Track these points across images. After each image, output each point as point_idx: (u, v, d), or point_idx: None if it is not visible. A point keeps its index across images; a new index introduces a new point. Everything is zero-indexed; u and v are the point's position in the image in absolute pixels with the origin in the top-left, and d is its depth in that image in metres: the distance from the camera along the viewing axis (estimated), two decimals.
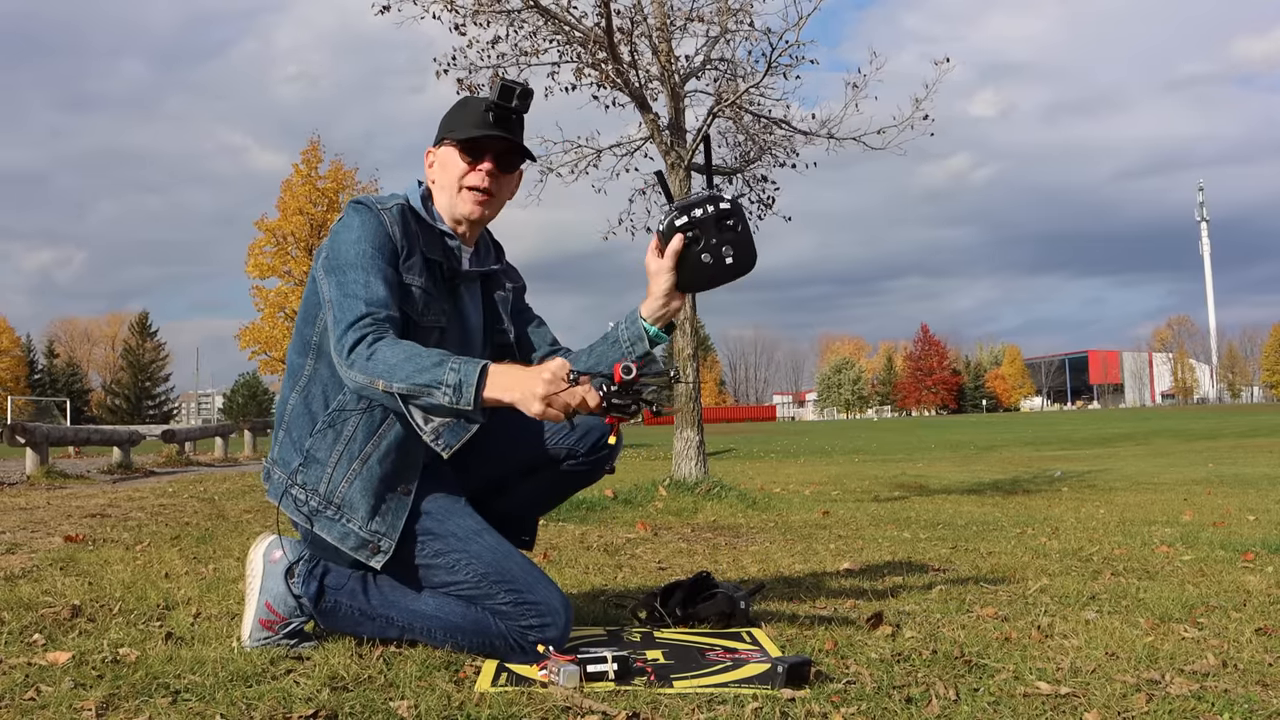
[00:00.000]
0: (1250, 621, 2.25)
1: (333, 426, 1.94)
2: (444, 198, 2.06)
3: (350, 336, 1.81)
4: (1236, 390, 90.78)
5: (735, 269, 1.96)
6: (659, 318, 2.02)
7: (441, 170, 2.06)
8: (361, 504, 1.92)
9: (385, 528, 1.92)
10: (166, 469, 10.89)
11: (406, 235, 1.97)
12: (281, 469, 2.00)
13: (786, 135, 7.28)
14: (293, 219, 24.82)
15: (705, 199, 1.95)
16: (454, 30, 6.66)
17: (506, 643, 1.89)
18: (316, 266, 1.96)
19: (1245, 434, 24.90)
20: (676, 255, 1.94)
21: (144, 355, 64.67)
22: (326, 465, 1.93)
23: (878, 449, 22.82)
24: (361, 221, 1.94)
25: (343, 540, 1.92)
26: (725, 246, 1.94)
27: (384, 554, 1.91)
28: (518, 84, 2.00)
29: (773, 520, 5.30)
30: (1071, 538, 4.21)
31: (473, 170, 2.01)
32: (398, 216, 1.97)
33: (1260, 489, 7.90)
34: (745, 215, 1.98)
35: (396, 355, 1.77)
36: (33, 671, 1.71)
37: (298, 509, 1.96)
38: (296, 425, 1.99)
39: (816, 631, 2.14)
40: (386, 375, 1.76)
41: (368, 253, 1.90)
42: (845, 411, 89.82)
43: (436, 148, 2.08)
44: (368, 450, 1.92)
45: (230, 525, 4.51)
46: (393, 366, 1.76)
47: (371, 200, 1.98)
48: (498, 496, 2.16)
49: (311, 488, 1.94)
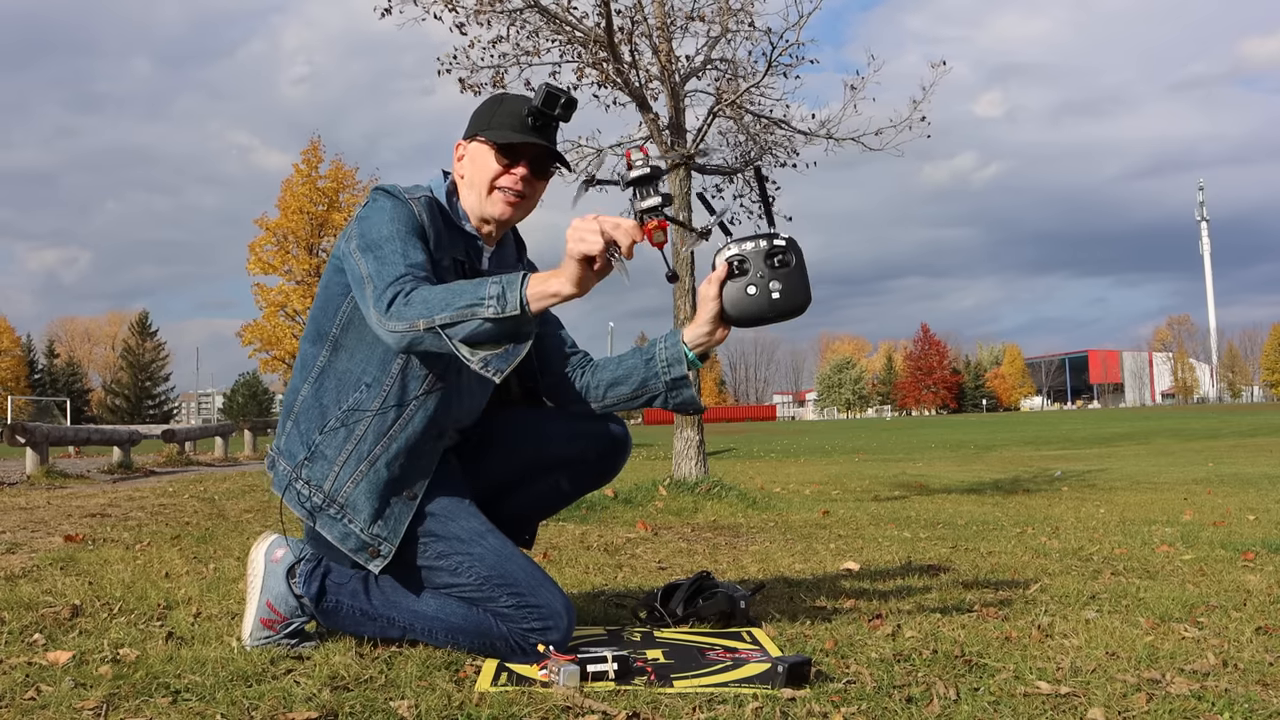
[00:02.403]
0: (1250, 621, 2.25)
1: (345, 425, 1.91)
2: (472, 195, 2.02)
3: (389, 293, 1.77)
4: (1237, 390, 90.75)
5: (781, 306, 1.94)
6: (699, 344, 2.02)
7: (472, 166, 2.02)
8: (365, 506, 1.90)
9: (387, 532, 1.90)
10: (167, 469, 10.89)
11: (434, 227, 1.94)
12: (287, 461, 1.97)
13: (787, 135, 7.28)
14: (293, 217, 24.87)
15: (759, 235, 1.95)
16: (455, 30, 6.67)
17: (508, 644, 1.88)
18: (345, 249, 1.91)
19: (1245, 434, 24.90)
20: (720, 283, 1.94)
21: (144, 355, 64.64)
22: (334, 463, 1.91)
23: (878, 449, 22.82)
24: (393, 205, 1.91)
25: (343, 541, 1.91)
26: (773, 282, 1.93)
27: (383, 558, 1.90)
28: (563, 92, 1.97)
29: (773, 520, 5.30)
30: (1072, 537, 4.21)
31: (506, 173, 1.99)
32: (426, 207, 1.94)
33: (1260, 489, 7.90)
34: (801, 255, 1.96)
35: (434, 292, 1.74)
36: (33, 671, 1.71)
37: (300, 504, 1.94)
38: (305, 418, 1.96)
39: (816, 631, 2.14)
40: (426, 313, 1.71)
41: (402, 232, 1.87)
42: (845, 411, 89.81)
43: (468, 141, 2.04)
44: (376, 452, 1.90)
45: (230, 525, 4.51)
46: (431, 302, 1.72)
47: (398, 190, 1.95)
48: (505, 497, 2.14)
49: (316, 484, 1.92)
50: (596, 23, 6.40)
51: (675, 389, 2.06)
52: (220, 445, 14.08)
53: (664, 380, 2.06)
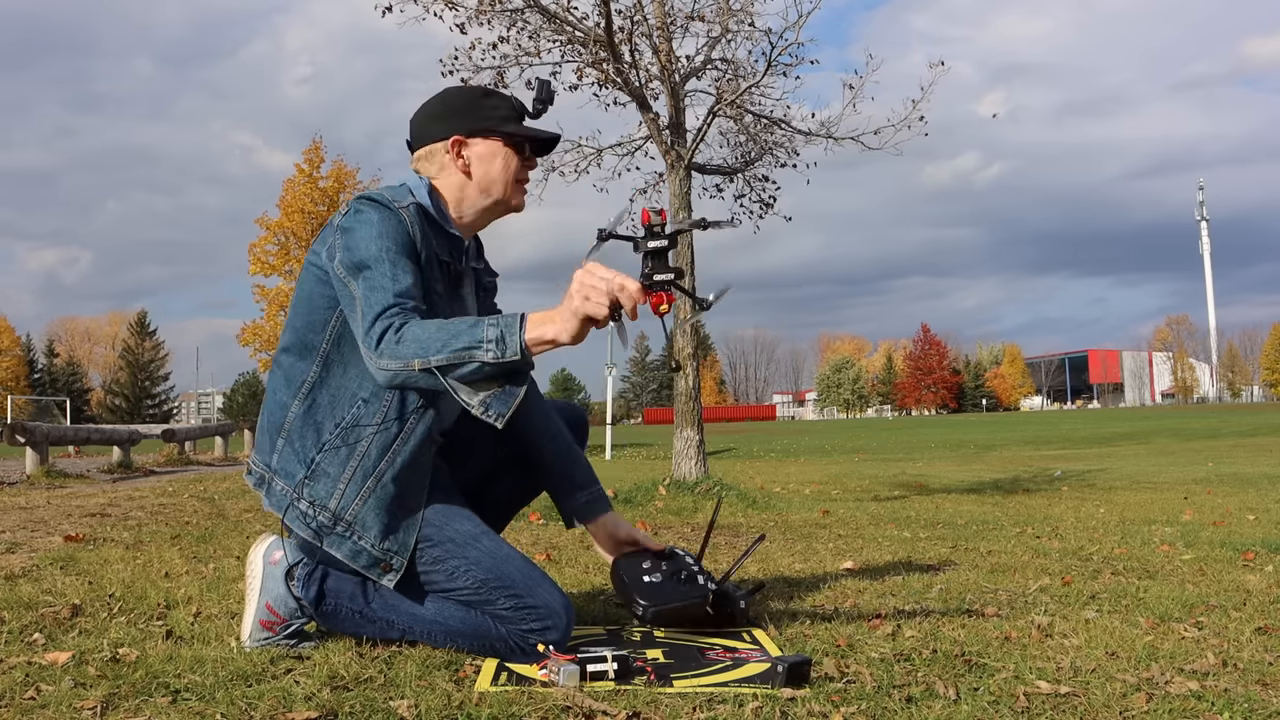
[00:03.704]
0: (1250, 621, 2.25)
1: (345, 443, 1.88)
2: (473, 191, 2.03)
3: (378, 327, 1.74)
4: (1236, 390, 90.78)
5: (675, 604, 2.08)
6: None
7: (484, 163, 2.02)
8: (375, 522, 1.88)
9: (397, 546, 1.89)
10: (166, 468, 10.89)
11: (423, 234, 1.92)
12: (285, 481, 1.92)
13: (787, 135, 7.29)
14: (294, 217, 24.85)
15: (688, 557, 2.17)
16: (456, 30, 6.67)
17: (507, 645, 1.88)
18: (328, 265, 1.87)
19: (1245, 433, 24.90)
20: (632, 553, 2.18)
21: (143, 355, 64.64)
22: (339, 481, 1.88)
23: (878, 448, 22.82)
24: (381, 218, 1.86)
25: (354, 558, 1.88)
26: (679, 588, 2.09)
27: (396, 572, 1.89)
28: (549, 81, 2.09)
29: (773, 519, 5.30)
30: (1071, 537, 4.21)
31: (525, 166, 2.07)
32: (416, 216, 1.91)
33: (1260, 488, 7.90)
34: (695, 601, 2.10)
35: (427, 330, 1.71)
36: (33, 671, 1.71)
37: (305, 524, 1.89)
38: (300, 435, 1.91)
39: (816, 631, 2.14)
40: (421, 352, 1.69)
41: (391, 249, 1.83)
42: (845, 411, 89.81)
43: (469, 139, 2.02)
44: (382, 468, 1.88)
45: (230, 524, 4.51)
46: (425, 342, 1.69)
47: (384, 198, 1.90)
48: (491, 485, 2.19)
49: (320, 503, 1.88)
50: (596, 23, 6.41)
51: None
52: (220, 445, 14.09)
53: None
